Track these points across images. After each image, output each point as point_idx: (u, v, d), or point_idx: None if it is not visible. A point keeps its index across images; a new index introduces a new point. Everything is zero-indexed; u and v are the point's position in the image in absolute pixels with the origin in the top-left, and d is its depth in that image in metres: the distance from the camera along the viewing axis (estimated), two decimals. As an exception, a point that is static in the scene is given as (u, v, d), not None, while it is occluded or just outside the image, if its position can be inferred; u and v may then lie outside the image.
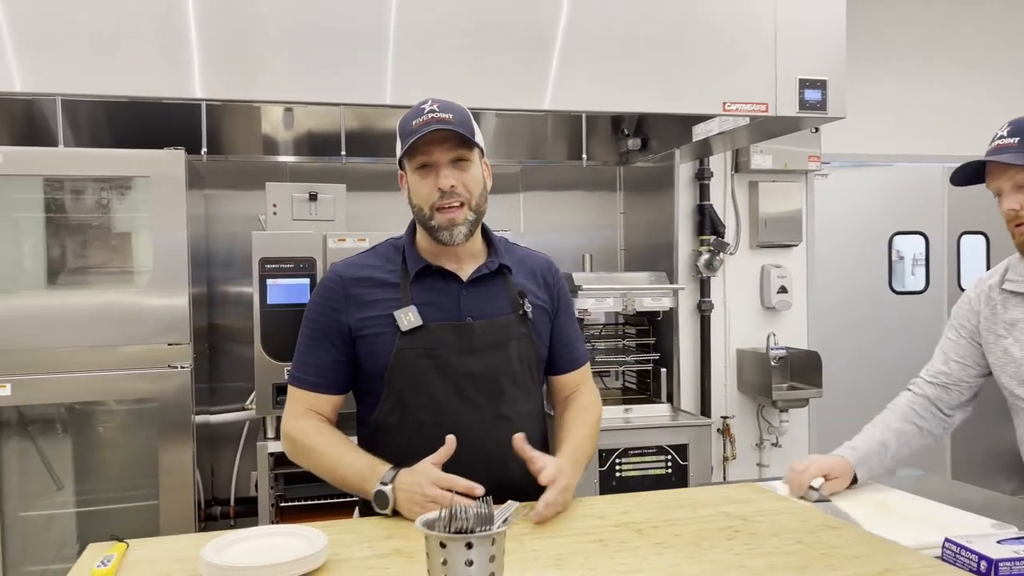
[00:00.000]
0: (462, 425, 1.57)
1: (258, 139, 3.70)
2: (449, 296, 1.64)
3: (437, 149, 1.57)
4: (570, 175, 3.99)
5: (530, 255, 1.82)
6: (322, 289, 1.68)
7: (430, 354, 1.59)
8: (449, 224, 1.59)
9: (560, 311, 1.78)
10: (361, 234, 2.95)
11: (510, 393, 1.65)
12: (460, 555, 0.94)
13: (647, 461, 3.18)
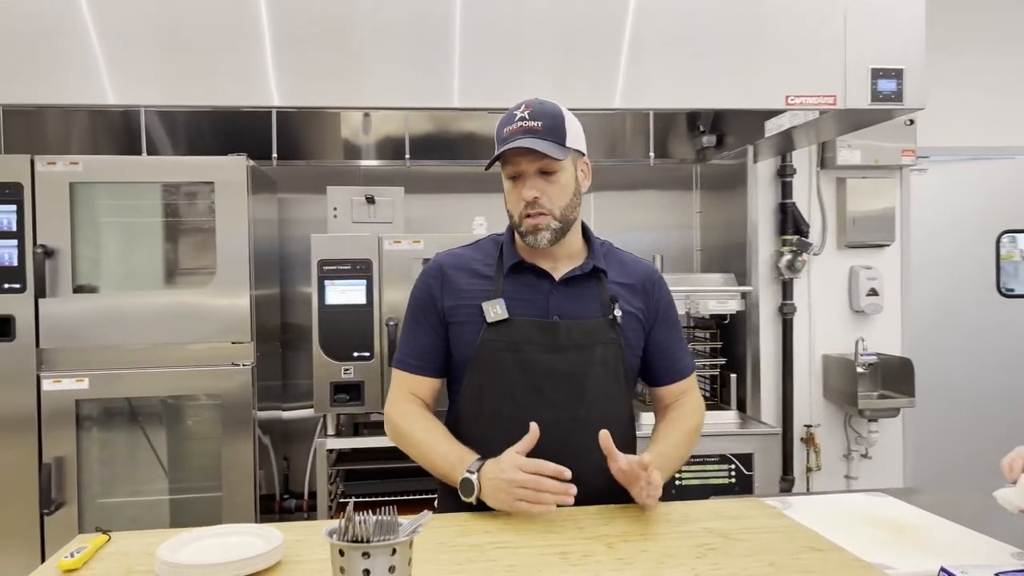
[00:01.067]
0: (538, 422, 1.55)
1: (337, 143, 3.81)
2: (540, 293, 1.66)
3: (523, 160, 1.60)
4: (643, 174, 3.90)
5: (635, 262, 1.80)
6: (423, 275, 1.74)
7: (512, 348, 1.61)
8: (533, 229, 1.62)
9: (659, 321, 1.75)
10: (416, 236, 2.99)
11: (591, 395, 1.64)
12: (357, 563, 0.93)
13: (709, 470, 3.07)
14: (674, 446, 1.71)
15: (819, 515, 1.54)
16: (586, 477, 1.52)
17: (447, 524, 1.41)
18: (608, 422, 1.64)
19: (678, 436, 1.73)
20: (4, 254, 2.71)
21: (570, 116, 1.67)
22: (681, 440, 1.73)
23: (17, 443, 2.72)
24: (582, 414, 1.63)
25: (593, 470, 1.54)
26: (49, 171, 2.74)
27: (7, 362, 2.72)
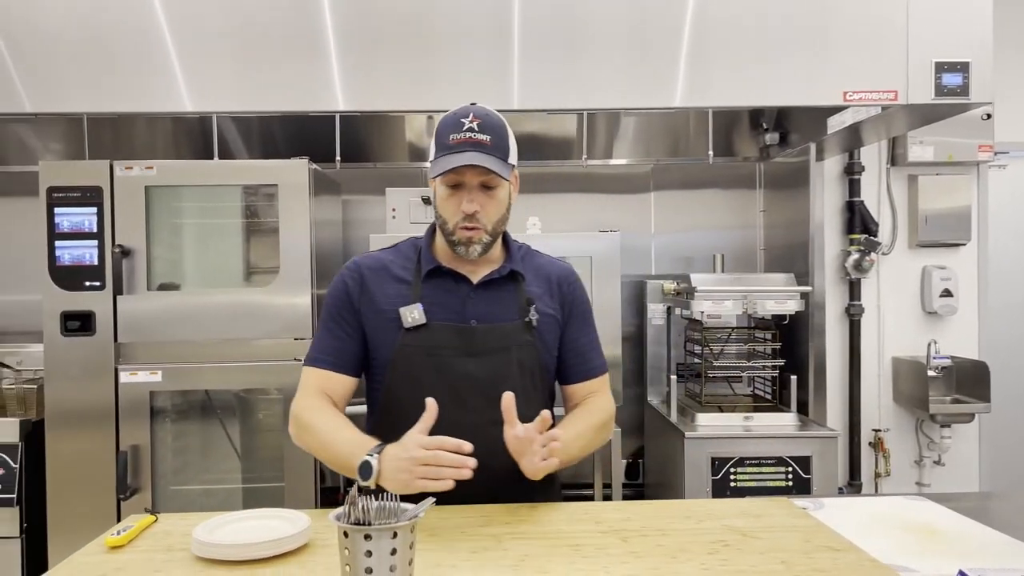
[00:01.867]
0: (455, 426, 1.55)
1: (402, 146, 3.90)
2: (457, 298, 1.67)
3: (468, 171, 1.60)
4: (705, 173, 3.87)
5: (550, 263, 1.81)
6: (341, 276, 1.73)
7: (429, 353, 1.62)
8: (467, 241, 1.64)
9: (572, 320, 1.76)
10: (471, 236, 3.05)
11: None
12: (360, 545, 0.99)
13: (765, 472, 3.03)
14: (575, 436, 1.64)
15: (850, 517, 1.52)
16: (505, 479, 1.52)
17: (472, 514, 1.44)
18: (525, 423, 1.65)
19: (581, 428, 1.69)
20: (86, 254, 2.89)
21: (511, 131, 1.67)
22: (584, 432, 1.68)
23: (98, 432, 2.89)
24: (499, 417, 1.60)
25: (512, 472, 1.52)
26: (126, 175, 2.90)
27: (89, 355, 2.89)
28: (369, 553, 0.98)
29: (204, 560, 1.25)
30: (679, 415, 3.30)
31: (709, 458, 3.05)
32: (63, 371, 2.89)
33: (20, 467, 2.88)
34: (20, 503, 2.87)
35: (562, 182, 3.87)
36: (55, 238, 2.88)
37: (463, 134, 1.58)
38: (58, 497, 2.88)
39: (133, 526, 1.38)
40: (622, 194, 3.88)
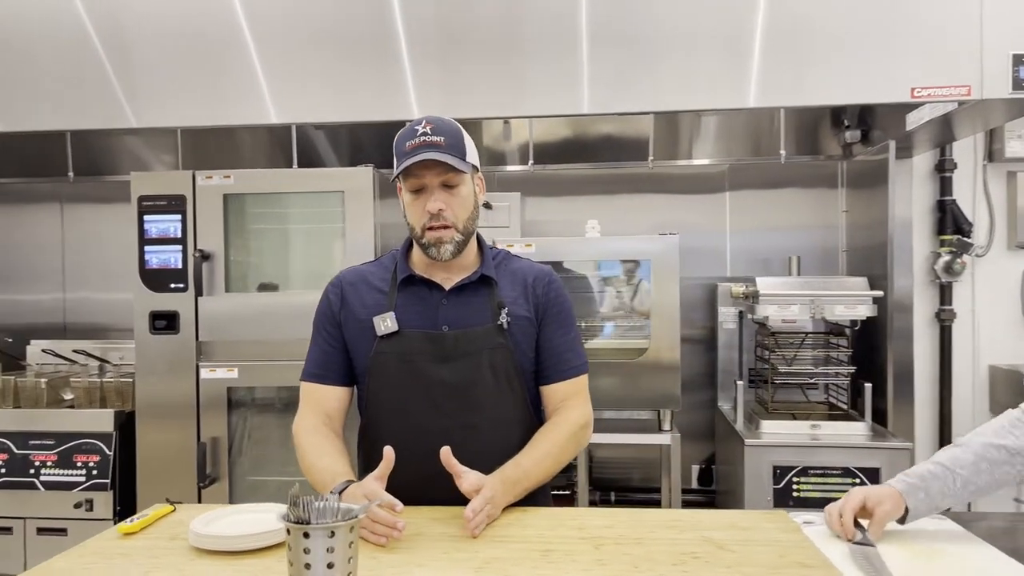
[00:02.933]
0: (429, 432, 1.62)
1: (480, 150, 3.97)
2: (430, 305, 1.70)
3: (428, 173, 1.63)
4: (784, 172, 3.75)
5: (528, 267, 1.82)
6: (324, 292, 1.80)
7: (402, 359, 1.67)
8: (437, 242, 1.66)
9: (547, 321, 1.76)
10: (529, 240, 3.09)
11: (481, 402, 1.67)
12: (299, 542, 1.05)
13: (830, 483, 2.93)
14: (536, 461, 1.65)
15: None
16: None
17: (458, 516, 1.49)
18: (500, 426, 1.69)
19: (545, 448, 1.68)
20: (171, 258, 3.11)
21: (466, 134, 1.70)
22: (548, 452, 1.68)
23: (181, 423, 3.11)
24: (473, 421, 1.66)
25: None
26: (207, 184, 3.11)
27: (173, 353, 3.11)
28: (307, 550, 1.04)
29: (199, 550, 1.35)
30: (745, 421, 3.23)
31: (771, 466, 2.97)
32: (151, 367, 3.12)
33: (114, 454, 3.13)
34: (114, 488, 3.12)
35: (629, 184, 3.85)
36: (144, 243, 3.12)
37: (417, 139, 1.62)
38: (147, 483, 3.12)
39: (149, 514, 1.50)
40: (695, 195, 3.82)
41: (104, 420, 3.15)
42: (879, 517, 1.44)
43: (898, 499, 1.46)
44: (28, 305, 4.04)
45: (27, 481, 3.12)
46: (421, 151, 1.61)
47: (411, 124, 1.67)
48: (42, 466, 3.13)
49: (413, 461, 1.57)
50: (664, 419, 3.18)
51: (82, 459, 3.13)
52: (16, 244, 4.07)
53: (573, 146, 3.86)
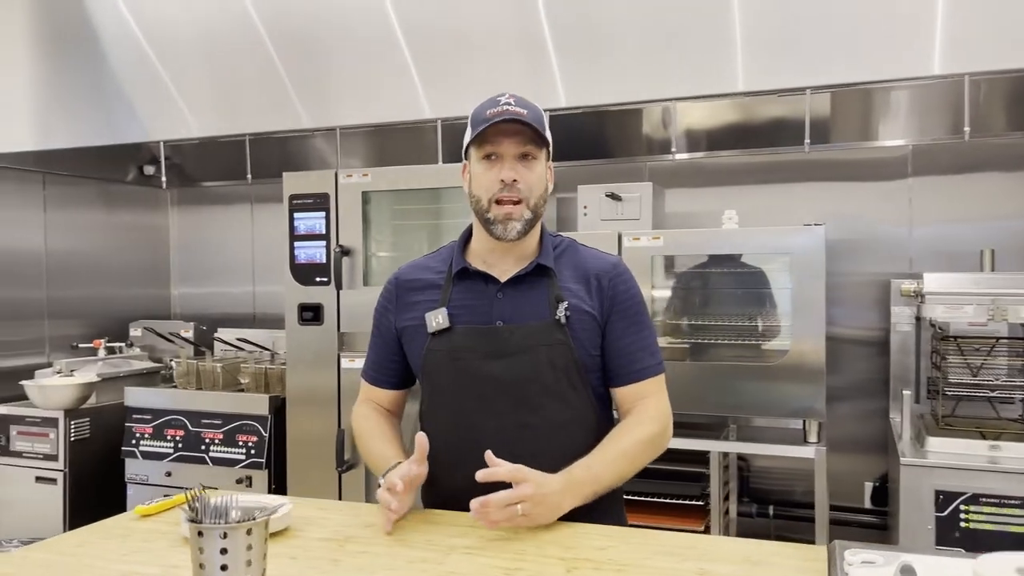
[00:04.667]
0: (481, 431, 1.56)
1: (625, 140, 3.83)
2: (484, 299, 1.62)
3: (506, 141, 1.55)
4: (981, 154, 3.25)
5: (594, 257, 1.69)
6: (382, 290, 1.77)
7: (453, 356, 1.60)
8: (505, 218, 1.56)
9: (614, 318, 1.62)
10: (657, 232, 2.92)
11: (538, 401, 1.57)
12: (195, 541, 1.04)
13: (1007, 515, 2.50)
14: (607, 462, 1.53)
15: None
16: None
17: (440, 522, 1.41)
18: (560, 428, 1.57)
19: (619, 449, 1.55)
20: (316, 253, 3.29)
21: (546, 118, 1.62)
22: (623, 452, 1.55)
23: (324, 411, 3.29)
24: (530, 421, 1.56)
25: None
26: (348, 182, 3.25)
27: (318, 343, 3.29)
28: (201, 550, 1.04)
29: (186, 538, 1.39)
30: (912, 437, 2.84)
31: (932, 491, 2.58)
32: (300, 356, 3.33)
33: (269, 436, 3.37)
34: (269, 467, 3.36)
35: (793, 171, 3.51)
36: (294, 239, 3.32)
37: (500, 107, 1.55)
38: (295, 465, 3.33)
39: (174, 497, 1.58)
40: (871, 182, 3.41)
41: (261, 404, 3.40)
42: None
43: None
44: (222, 297, 4.46)
45: (199, 456, 3.44)
46: (504, 116, 1.54)
47: (492, 96, 1.59)
48: (211, 443, 3.44)
49: (466, 463, 1.49)
50: (810, 430, 2.87)
51: (243, 439, 3.40)
52: (214, 241, 4.51)
53: (735, 132, 3.60)
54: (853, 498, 3.44)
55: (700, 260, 3.03)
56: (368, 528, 1.44)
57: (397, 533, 1.41)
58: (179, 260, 4.58)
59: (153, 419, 3.52)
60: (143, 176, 4.32)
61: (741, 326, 3.01)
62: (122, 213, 4.38)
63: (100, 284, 4.22)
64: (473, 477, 1.46)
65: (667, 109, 3.56)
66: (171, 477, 3.48)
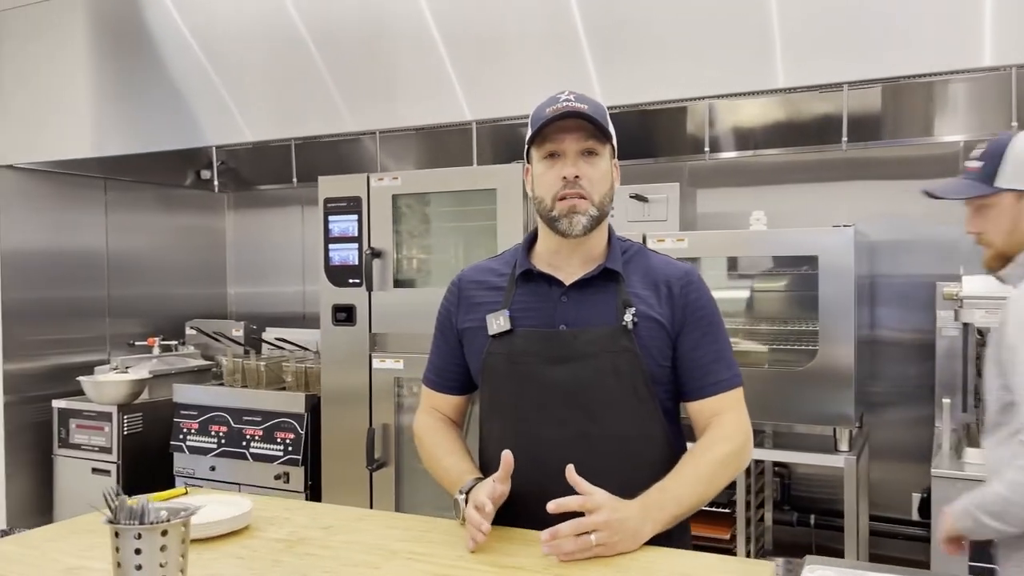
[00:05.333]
0: (539, 439, 1.51)
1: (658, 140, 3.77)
2: (548, 301, 1.56)
3: (568, 138, 1.50)
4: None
5: (665, 264, 1.61)
6: (446, 292, 1.73)
7: (513, 360, 1.55)
8: (569, 211, 1.50)
9: (687, 329, 1.55)
10: (681, 234, 2.86)
11: (600, 411, 1.51)
12: (112, 541, 1.08)
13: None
14: (686, 484, 1.46)
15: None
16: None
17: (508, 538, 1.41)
18: (623, 440, 1.50)
19: (698, 470, 1.48)
20: (349, 255, 3.35)
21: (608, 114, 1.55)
22: (700, 476, 1.47)
23: (356, 410, 3.34)
24: (593, 431, 1.49)
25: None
26: (379, 185, 3.30)
27: (350, 344, 3.35)
28: (117, 549, 1.07)
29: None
30: (951, 448, 2.70)
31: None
32: (334, 355, 3.39)
33: (305, 434, 3.45)
34: (305, 464, 3.45)
35: (839, 169, 3.39)
36: (328, 242, 3.39)
37: (560, 104, 1.50)
38: (329, 462, 3.39)
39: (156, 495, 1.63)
40: (919, 180, 3.25)
41: (298, 402, 3.49)
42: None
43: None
44: (274, 296, 4.59)
45: (240, 452, 3.55)
46: (564, 115, 1.49)
47: (553, 94, 1.55)
48: (251, 439, 3.54)
49: (522, 471, 1.45)
50: (840, 438, 2.77)
51: (281, 436, 3.49)
52: (267, 242, 4.65)
53: (777, 130, 3.50)
54: (901, 509, 3.30)
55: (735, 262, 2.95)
56: (325, 530, 1.46)
57: (350, 535, 1.43)
58: (234, 261, 4.74)
59: (199, 415, 3.65)
60: (200, 180, 4.48)
61: (768, 330, 2.92)
62: (180, 216, 4.56)
63: (159, 284, 4.41)
64: (530, 486, 1.43)
65: (707, 107, 3.48)
66: (215, 472, 3.60)
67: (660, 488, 1.43)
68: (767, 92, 3.31)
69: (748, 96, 3.35)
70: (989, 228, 1.74)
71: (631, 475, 1.45)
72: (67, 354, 4.00)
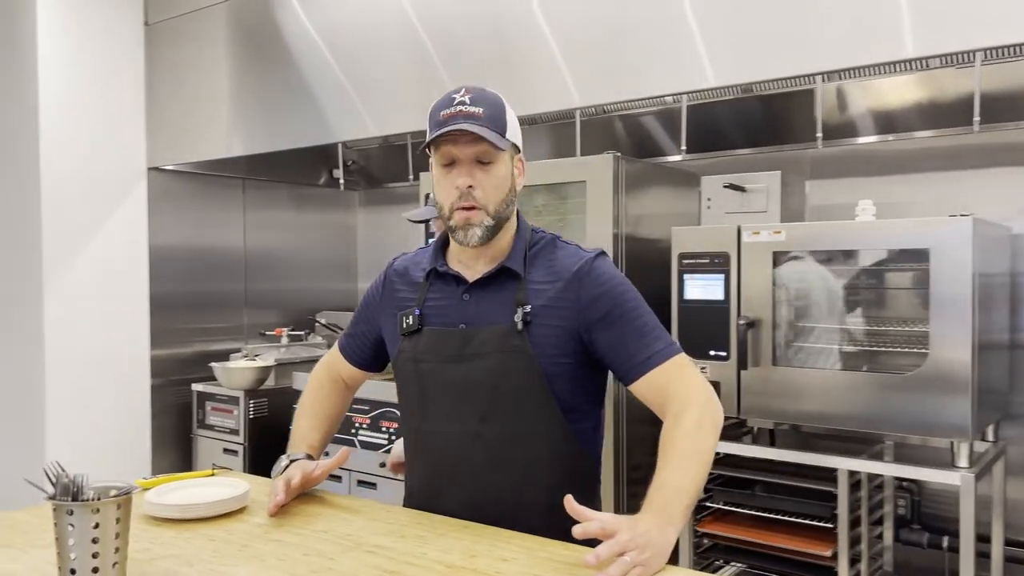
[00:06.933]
0: (440, 437, 1.54)
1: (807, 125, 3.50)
2: (452, 300, 1.57)
3: (461, 144, 1.48)
4: None
5: (573, 254, 1.56)
6: (378, 276, 1.75)
7: (417, 359, 1.56)
8: (465, 224, 1.50)
9: (599, 319, 1.50)
10: (778, 226, 2.66)
11: (493, 410, 1.49)
12: (53, 517, 1.12)
13: None
14: (681, 469, 1.36)
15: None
16: (480, 502, 1.38)
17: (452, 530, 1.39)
18: (520, 439, 1.49)
19: (684, 449, 1.38)
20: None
21: (510, 109, 1.53)
22: (688, 453, 1.38)
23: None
24: (486, 430, 1.48)
25: (490, 496, 1.38)
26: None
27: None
28: (56, 524, 1.11)
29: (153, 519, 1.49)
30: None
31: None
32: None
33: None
34: (407, 453, 3.51)
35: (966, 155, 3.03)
36: (430, 236, 3.43)
37: (454, 108, 1.48)
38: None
39: (183, 475, 1.71)
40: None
41: (399, 394, 3.56)
42: None
43: None
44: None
45: (348, 439, 3.68)
46: (455, 121, 1.47)
47: (449, 92, 1.52)
48: (360, 427, 3.66)
49: (425, 466, 1.58)
50: (958, 452, 2.46)
51: (386, 424, 3.58)
52: (395, 239, 4.78)
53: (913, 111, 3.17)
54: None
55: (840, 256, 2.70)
56: (309, 518, 1.47)
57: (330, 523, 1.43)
58: (365, 257, 4.92)
59: (314, 402, 3.81)
60: (332, 179, 4.68)
61: (873, 330, 2.65)
62: (313, 213, 4.79)
63: (292, 278, 4.66)
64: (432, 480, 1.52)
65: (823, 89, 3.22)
66: (328, 457, 3.74)
67: (657, 488, 1.34)
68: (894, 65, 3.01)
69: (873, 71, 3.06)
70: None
71: (525, 473, 1.47)
72: (207, 342, 4.31)
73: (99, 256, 3.99)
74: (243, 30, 4.22)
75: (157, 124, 4.29)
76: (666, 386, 1.46)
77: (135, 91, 4.21)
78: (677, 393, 1.45)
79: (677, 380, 1.46)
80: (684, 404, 1.42)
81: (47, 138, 3.85)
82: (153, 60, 4.30)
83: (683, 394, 1.44)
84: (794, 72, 3.12)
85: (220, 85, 4.22)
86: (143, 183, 4.20)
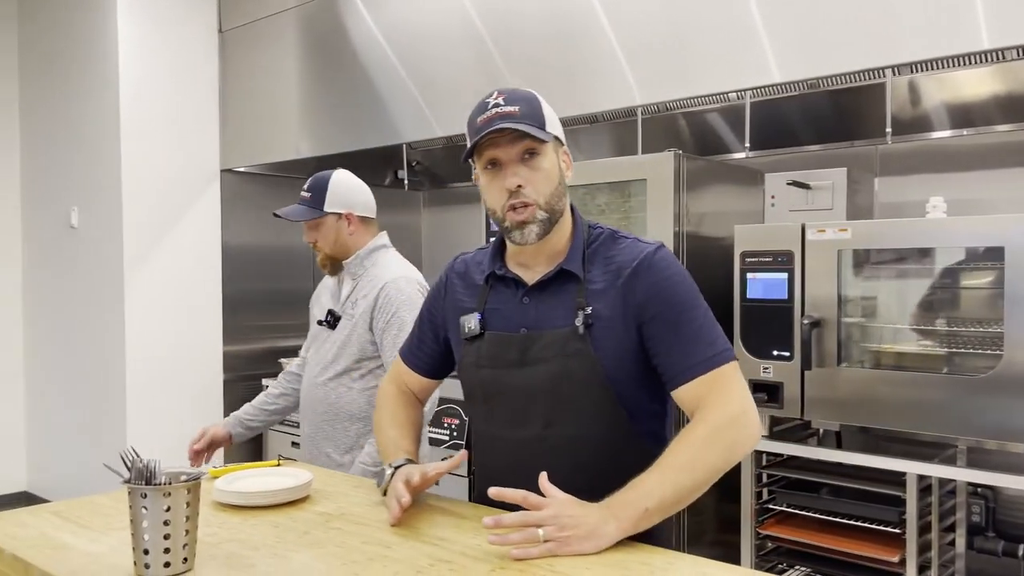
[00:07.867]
0: (504, 443, 1.54)
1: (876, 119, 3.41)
2: (512, 303, 1.55)
3: (503, 144, 1.47)
4: None
5: (628, 248, 1.53)
6: (437, 279, 1.73)
7: (480, 365, 1.55)
8: (520, 224, 1.48)
9: (652, 317, 1.47)
10: (844, 224, 2.61)
11: (556, 415, 1.49)
12: (128, 499, 1.18)
13: None
14: (664, 476, 1.34)
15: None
16: None
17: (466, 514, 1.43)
18: (583, 443, 1.47)
19: (678, 459, 1.36)
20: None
21: (546, 104, 1.51)
22: (681, 465, 1.36)
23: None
24: (549, 435, 1.48)
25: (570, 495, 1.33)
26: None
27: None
28: (131, 506, 1.17)
29: (221, 505, 1.55)
30: None
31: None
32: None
33: (469, 420, 3.56)
34: (469, 447, 3.54)
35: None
36: (491, 236, 3.46)
37: (490, 111, 1.47)
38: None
39: (251, 464, 1.77)
40: None
41: (459, 390, 3.60)
42: None
43: None
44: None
45: (414, 434, 3.74)
46: (494, 123, 1.46)
47: (482, 99, 1.51)
48: (423, 423, 3.72)
49: (492, 469, 1.58)
50: (1038, 459, 2.38)
51: (448, 421, 3.63)
52: (459, 239, 4.84)
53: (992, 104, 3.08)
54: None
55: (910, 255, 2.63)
56: (371, 507, 1.51)
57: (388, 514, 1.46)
58: (429, 256, 4.99)
59: (376, 397, 3.89)
60: (397, 180, 4.77)
61: (945, 331, 2.57)
62: (379, 213, 4.85)
63: (359, 277, 4.74)
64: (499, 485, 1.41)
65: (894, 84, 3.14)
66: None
67: (629, 486, 1.34)
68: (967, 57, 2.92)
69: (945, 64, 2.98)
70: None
71: (591, 478, 1.39)
72: (276, 338, 4.43)
73: (175, 255, 4.15)
74: (312, 35, 4.32)
75: (230, 127, 4.43)
76: (705, 396, 1.42)
77: (209, 96, 4.36)
78: (710, 405, 1.41)
79: (716, 392, 1.42)
80: (707, 416, 1.40)
81: (127, 141, 4.01)
82: (226, 65, 4.44)
83: (714, 407, 1.40)
84: (862, 66, 3.05)
85: (289, 89, 4.33)
86: (216, 184, 4.34)
